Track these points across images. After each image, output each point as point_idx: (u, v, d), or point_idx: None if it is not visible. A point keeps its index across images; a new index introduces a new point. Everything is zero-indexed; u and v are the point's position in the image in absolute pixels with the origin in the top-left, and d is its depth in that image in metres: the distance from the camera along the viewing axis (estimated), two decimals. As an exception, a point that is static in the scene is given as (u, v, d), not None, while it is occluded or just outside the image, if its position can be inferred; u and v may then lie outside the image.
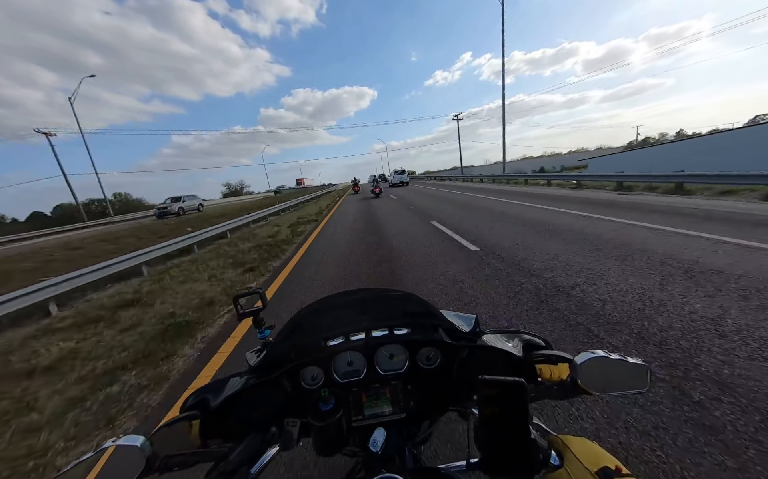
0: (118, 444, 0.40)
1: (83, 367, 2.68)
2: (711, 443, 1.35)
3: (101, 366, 2.68)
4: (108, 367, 2.63)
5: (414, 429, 0.60)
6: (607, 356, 0.46)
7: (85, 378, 2.51)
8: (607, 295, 2.77)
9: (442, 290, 3.41)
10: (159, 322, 3.44)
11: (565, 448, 0.41)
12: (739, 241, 3.80)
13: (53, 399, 2.27)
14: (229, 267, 5.60)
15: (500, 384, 0.39)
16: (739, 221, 4.79)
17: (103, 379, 2.46)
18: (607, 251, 3.99)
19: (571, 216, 6.54)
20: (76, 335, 3.46)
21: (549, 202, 9.02)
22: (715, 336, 2.04)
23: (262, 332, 0.77)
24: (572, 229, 5.37)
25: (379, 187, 20.05)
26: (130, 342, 3.05)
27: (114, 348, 2.97)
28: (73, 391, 2.34)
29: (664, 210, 6.28)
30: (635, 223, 5.33)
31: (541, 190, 13.31)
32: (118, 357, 2.78)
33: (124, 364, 2.63)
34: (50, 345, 3.25)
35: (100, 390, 2.31)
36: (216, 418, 0.54)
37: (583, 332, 2.29)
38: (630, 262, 3.52)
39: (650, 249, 3.86)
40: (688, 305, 2.46)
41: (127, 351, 2.87)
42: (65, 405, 2.19)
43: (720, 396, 1.57)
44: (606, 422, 1.50)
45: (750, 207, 5.77)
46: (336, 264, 4.96)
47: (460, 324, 0.63)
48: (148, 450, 0.40)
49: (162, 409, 2.06)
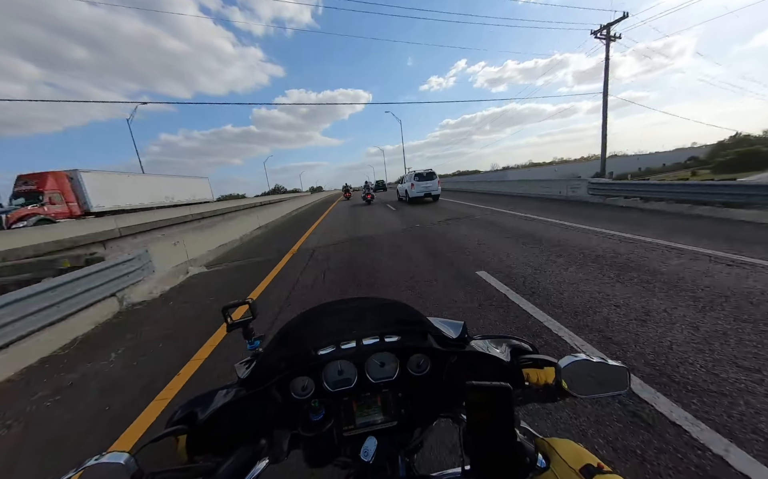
0: (101, 462, 0.39)
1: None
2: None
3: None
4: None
5: (406, 437, 0.60)
6: (589, 359, 0.48)
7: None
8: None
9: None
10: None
11: (551, 450, 0.42)
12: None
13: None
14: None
15: (487, 389, 0.40)
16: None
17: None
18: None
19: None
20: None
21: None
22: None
23: (251, 343, 0.76)
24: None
25: (371, 194, 19.58)
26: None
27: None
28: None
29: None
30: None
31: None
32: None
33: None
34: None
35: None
36: (204, 432, 0.53)
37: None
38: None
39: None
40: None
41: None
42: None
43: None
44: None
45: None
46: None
47: (448, 331, 0.64)
48: (133, 468, 0.39)
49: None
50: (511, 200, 12.79)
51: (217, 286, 5.00)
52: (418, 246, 5.91)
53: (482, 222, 7.89)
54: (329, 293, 3.95)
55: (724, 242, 4.33)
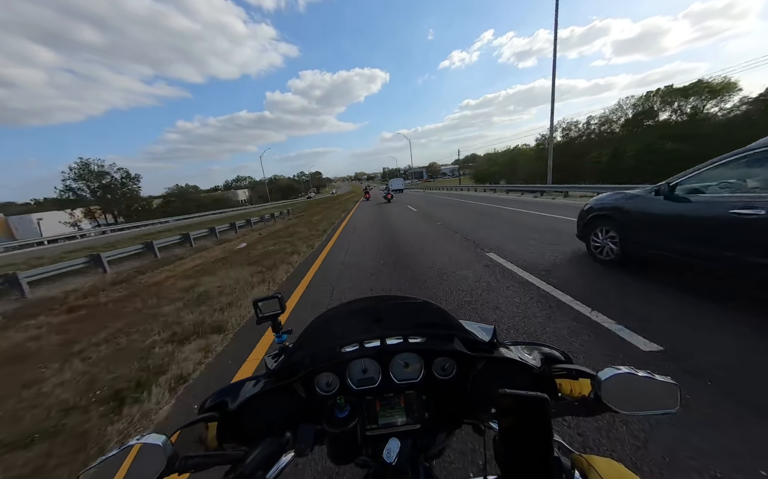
0: (144, 442, 0.41)
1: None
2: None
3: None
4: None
5: (428, 441, 0.59)
6: (634, 373, 0.44)
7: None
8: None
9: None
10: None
11: (590, 468, 0.39)
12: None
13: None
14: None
15: (521, 398, 0.38)
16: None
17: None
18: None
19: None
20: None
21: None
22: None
23: (279, 336, 0.78)
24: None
25: (391, 194, 23.25)
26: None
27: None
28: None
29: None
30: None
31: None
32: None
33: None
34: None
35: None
36: (233, 421, 0.55)
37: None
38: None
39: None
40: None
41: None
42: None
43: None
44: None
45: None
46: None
47: (477, 334, 0.62)
48: (170, 450, 0.41)
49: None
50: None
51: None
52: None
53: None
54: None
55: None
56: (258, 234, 11.84)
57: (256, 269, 5.71)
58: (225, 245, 10.01)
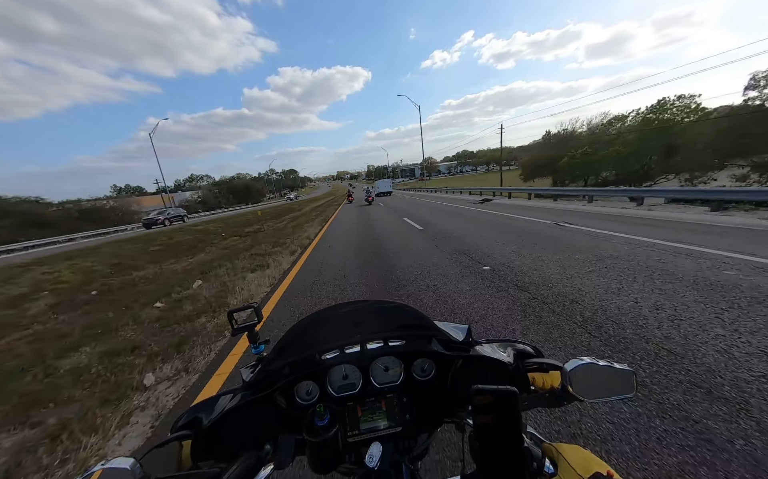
0: (106, 468, 0.38)
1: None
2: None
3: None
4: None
5: (410, 443, 0.60)
6: (595, 363, 0.48)
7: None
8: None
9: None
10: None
11: (559, 456, 0.41)
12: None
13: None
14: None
15: (493, 393, 0.39)
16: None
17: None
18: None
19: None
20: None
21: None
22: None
23: (256, 347, 0.76)
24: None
25: (372, 196, 24.34)
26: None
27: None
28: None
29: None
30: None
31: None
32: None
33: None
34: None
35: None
36: (208, 437, 0.53)
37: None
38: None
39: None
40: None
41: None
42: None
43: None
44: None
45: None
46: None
47: (453, 334, 0.64)
48: (139, 473, 0.39)
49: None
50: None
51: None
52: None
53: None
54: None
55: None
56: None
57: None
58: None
